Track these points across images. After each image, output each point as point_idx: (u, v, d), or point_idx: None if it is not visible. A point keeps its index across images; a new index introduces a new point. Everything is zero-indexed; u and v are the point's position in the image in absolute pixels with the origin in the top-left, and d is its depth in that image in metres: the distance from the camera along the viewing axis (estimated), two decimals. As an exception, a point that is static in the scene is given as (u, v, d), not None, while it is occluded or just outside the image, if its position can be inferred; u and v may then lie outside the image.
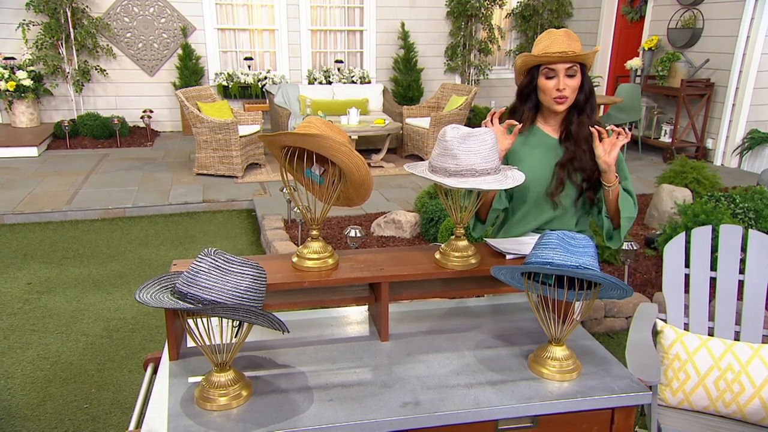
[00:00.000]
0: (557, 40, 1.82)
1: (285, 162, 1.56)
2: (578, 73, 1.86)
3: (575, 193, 1.94)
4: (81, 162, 6.73)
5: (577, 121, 1.92)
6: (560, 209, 1.97)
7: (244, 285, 1.26)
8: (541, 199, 1.97)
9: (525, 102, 1.97)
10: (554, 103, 1.89)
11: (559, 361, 1.45)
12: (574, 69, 1.85)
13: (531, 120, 1.98)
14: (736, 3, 6.54)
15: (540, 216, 1.99)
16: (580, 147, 1.90)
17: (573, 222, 2.01)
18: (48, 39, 7.44)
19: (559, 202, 1.95)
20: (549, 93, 1.88)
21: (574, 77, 1.86)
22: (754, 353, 1.97)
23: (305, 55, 8.77)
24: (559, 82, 1.85)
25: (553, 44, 1.81)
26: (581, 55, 1.82)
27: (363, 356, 1.55)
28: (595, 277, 1.33)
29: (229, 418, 1.28)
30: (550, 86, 1.87)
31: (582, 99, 1.91)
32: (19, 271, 4.09)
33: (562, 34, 1.83)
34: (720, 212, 3.65)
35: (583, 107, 1.91)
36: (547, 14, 9.18)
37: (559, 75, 1.84)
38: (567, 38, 1.82)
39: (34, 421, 2.58)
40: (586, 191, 1.94)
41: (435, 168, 1.56)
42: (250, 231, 4.97)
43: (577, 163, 1.90)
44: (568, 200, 1.96)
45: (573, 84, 1.86)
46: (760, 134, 6.63)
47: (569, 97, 1.88)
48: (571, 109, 1.92)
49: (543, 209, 1.98)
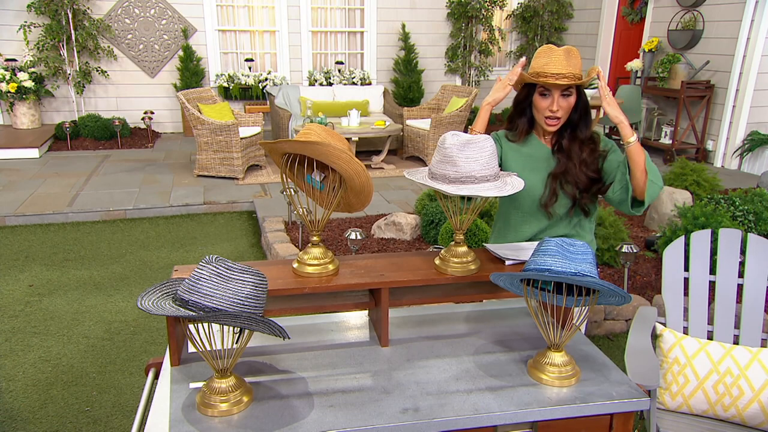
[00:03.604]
0: (555, 60, 1.79)
1: (286, 168, 1.57)
2: (573, 92, 1.85)
3: (569, 202, 1.95)
4: (82, 163, 6.74)
5: (569, 137, 1.91)
6: (555, 218, 1.98)
7: (245, 292, 1.27)
8: (536, 208, 1.97)
9: (521, 115, 1.97)
10: (545, 123, 1.88)
11: (558, 367, 1.46)
12: (571, 89, 1.84)
13: (526, 132, 1.98)
14: (737, 5, 6.54)
15: (535, 225, 2.00)
16: (571, 161, 1.89)
17: (568, 230, 2.01)
18: (49, 40, 7.45)
19: (553, 212, 1.95)
20: (542, 111, 1.88)
21: (570, 96, 1.85)
22: (753, 357, 1.98)
23: (306, 56, 8.78)
24: (554, 102, 1.83)
25: (551, 64, 1.79)
26: (575, 82, 1.79)
27: (363, 362, 1.56)
28: (593, 284, 1.34)
29: (230, 424, 1.29)
30: (543, 105, 1.86)
31: (576, 118, 1.90)
32: (21, 273, 4.10)
33: (562, 53, 1.79)
34: (720, 215, 3.65)
35: (577, 124, 1.91)
36: (548, 15, 9.19)
37: (553, 95, 1.83)
38: (566, 59, 1.79)
39: (36, 424, 2.59)
40: (579, 201, 1.93)
41: (435, 175, 1.57)
42: (250, 233, 4.98)
43: (569, 177, 1.89)
44: (562, 210, 1.96)
45: (567, 104, 1.85)
46: (761, 136, 6.64)
47: (561, 118, 1.87)
48: (565, 125, 1.91)
49: (537, 218, 1.99)
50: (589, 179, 1.88)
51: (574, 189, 1.91)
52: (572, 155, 1.89)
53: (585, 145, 1.92)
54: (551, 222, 1.99)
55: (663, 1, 7.49)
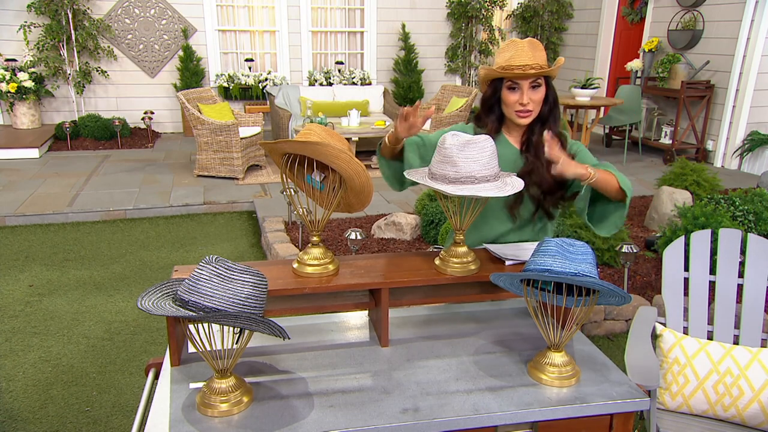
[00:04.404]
0: (520, 51, 1.76)
1: (286, 168, 1.57)
2: (543, 84, 1.82)
3: (533, 206, 1.92)
4: (82, 163, 6.74)
5: (539, 132, 1.88)
6: (519, 222, 1.95)
7: (245, 292, 1.27)
8: (500, 211, 1.94)
9: (489, 114, 1.92)
10: (517, 116, 1.85)
11: (558, 368, 1.46)
12: (539, 80, 1.81)
13: (495, 131, 1.92)
14: (737, 5, 6.54)
15: (499, 227, 1.97)
16: (539, 159, 1.84)
17: (533, 233, 1.99)
18: (49, 41, 7.46)
19: (518, 214, 1.93)
20: (512, 106, 1.84)
21: (539, 89, 1.82)
22: (753, 357, 1.98)
23: (306, 56, 8.78)
24: (523, 95, 1.80)
25: (516, 56, 1.76)
26: (543, 71, 1.77)
27: (363, 362, 1.56)
28: (593, 284, 1.34)
29: (230, 425, 1.29)
30: (513, 99, 1.82)
31: (546, 111, 1.87)
32: (21, 273, 4.10)
33: (526, 45, 1.77)
34: (720, 215, 3.65)
35: (547, 118, 1.88)
36: (548, 15, 9.19)
37: (522, 88, 1.80)
38: (531, 50, 1.77)
39: (36, 424, 2.59)
40: (542, 205, 1.91)
41: (435, 175, 1.57)
42: (250, 233, 4.98)
43: (535, 176, 1.85)
44: (527, 213, 1.94)
45: (537, 97, 1.82)
46: (761, 136, 6.64)
47: (533, 111, 1.84)
48: (535, 120, 1.88)
49: (502, 220, 1.96)
50: (554, 181, 1.84)
51: (538, 191, 1.87)
52: (540, 153, 1.84)
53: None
54: (515, 225, 1.96)
55: (663, 1, 7.49)
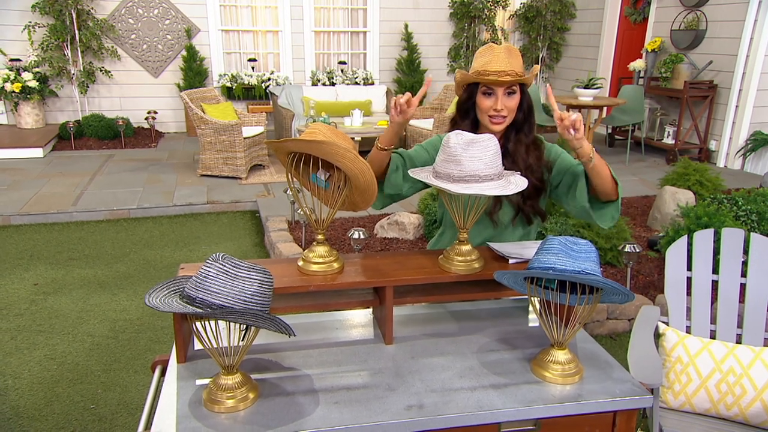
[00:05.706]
0: (497, 57, 1.75)
1: (291, 167, 1.58)
2: (518, 91, 1.82)
3: (512, 211, 1.92)
4: (86, 163, 6.77)
5: (514, 140, 1.87)
6: (500, 227, 1.96)
7: (252, 289, 1.28)
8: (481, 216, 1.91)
9: (464, 118, 1.91)
10: (490, 122, 1.84)
11: (561, 365, 1.47)
12: (514, 87, 1.80)
13: None
14: (740, 5, 6.54)
15: (481, 233, 1.96)
16: (517, 165, 1.84)
17: (515, 237, 1.99)
18: (53, 41, 7.48)
19: (498, 219, 1.93)
20: (486, 111, 1.83)
21: (514, 95, 1.81)
22: (756, 356, 1.98)
23: (309, 56, 8.80)
24: (497, 101, 1.79)
25: (493, 62, 1.75)
26: (518, 78, 1.76)
27: (368, 359, 1.57)
28: (596, 282, 1.35)
29: (237, 420, 1.30)
30: (487, 105, 1.82)
31: (521, 118, 1.86)
32: (26, 272, 4.12)
33: (503, 51, 1.77)
34: (723, 214, 3.66)
35: (522, 126, 1.87)
36: (551, 15, 9.19)
37: (497, 93, 1.79)
38: (507, 56, 1.76)
39: (42, 421, 2.60)
40: (522, 209, 1.91)
41: (439, 174, 1.58)
42: (254, 232, 5.00)
43: None
44: (506, 218, 1.94)
45: (512, 104, 1.81)
46: (764, 136, 6.63)
47: (507, 117, 1.83)
48: (509, 127, 1.88)
49: (484, 225, 1.95)
50: (533, 187, 1.84)
51: (517, 196, 1.84)
52: (518, 159, 1.85)
53: (531, 150, 1.88)
54: (497, 231, 1.96)
55: (666, 1, 7.49)
